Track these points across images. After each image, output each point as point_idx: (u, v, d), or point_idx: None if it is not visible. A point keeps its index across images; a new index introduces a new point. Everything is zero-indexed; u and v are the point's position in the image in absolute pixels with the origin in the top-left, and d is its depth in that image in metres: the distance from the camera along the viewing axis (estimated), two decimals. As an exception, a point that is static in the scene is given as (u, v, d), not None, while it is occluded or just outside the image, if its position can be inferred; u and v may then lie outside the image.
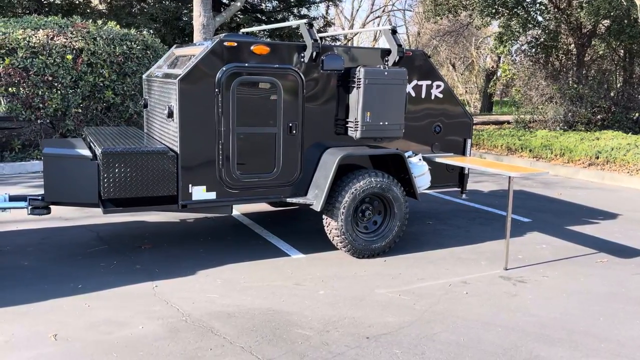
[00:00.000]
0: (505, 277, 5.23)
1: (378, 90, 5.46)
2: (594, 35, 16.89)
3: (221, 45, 5.02)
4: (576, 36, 16.68)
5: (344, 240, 5.46)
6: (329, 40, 19.55)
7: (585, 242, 6.38)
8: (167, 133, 5.33)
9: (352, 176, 5.49)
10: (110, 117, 10.63)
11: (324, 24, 19.99)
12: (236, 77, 5.08)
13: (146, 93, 6.30)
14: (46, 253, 5.51)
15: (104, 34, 10.14)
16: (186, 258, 5.47)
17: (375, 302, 4.57)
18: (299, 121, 5.42)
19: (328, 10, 22.13)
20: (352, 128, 5.55)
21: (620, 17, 14.43)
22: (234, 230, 6.47)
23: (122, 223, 6.56)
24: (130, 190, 4.85)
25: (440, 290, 4.85)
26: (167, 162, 4.95)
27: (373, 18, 36.20)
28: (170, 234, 6.25)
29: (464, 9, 18.08)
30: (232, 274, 5.09)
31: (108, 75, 10.13)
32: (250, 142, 5.25)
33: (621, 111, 16.90)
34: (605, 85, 17.28)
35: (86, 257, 5.44)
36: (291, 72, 5.30)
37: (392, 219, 5.68)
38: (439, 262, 5.58)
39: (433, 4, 17.99)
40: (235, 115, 5.13)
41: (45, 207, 5.24)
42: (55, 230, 6.26)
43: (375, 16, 36.14)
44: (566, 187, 9.64)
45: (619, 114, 16.91)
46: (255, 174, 5.33)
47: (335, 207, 5.41)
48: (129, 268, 5.17)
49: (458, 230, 6.71)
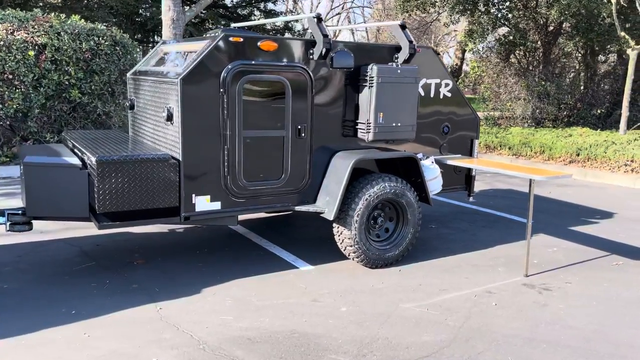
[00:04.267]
0: (529, 284, 4.99)
1: (391, 89, 5.12)
2: (559, 33, 17.10)
3: (226, 41, 4.57)
4: (542, 34, 16.84)
5: (358, 250, 5.10)
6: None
7: (593, 243, 6.24)
8: (164, 138, 4.83)
9: (364, 182, 5.13)
10: (76, 118, 9.91)
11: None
12: (242, 76, 4.64)
13: (132, 93, 5.75)
14: (26, 273, 4.92)
15: (68, 29, 9.41)
16: (186, 274, 4.99)
17: (405, 319, 4.23)
18: (307, 123, 5.03)
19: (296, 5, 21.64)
20: (363, 130, 5.19)
21: (588, 15, 14.59)
22: (230, 240, 6.01)
23: (106, 235, 6.00)
24: (128, 202, 4.35)
25: (467, 303, 4.56)
26: (168, 170, 4.46)
27: (332, 15, 35.92)
28: (162, 246, 5.74)
29: (432, 5, 18.01)
30: (241, 292, 4.66)
31: (74, 73, 9.42)
32: (257, 146, 4.82)
33: (586, 108, 17.20)
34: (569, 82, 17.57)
35: (73, 276, 4.88)
36: (300, 70, 4.90)
37: (405, 226, 5.36)
38: (456, 271, 5.30)
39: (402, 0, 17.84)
40: (242, 118, 4.69)
41: (27, 223, 4.67)
42: (31, 245, 5.64)
43: (334, 13, 35.88)
44: (552, 184, 9.58)
45: (583, 111, 17.20)
46: (262, 181, 4.90)
47: (348, 215, 5.05)
48: (124, 288, 4.66)
49: (464, 234, 6.45)
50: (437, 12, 18.35)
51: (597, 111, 17.48)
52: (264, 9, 19.25)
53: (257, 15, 19.03)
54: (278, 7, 20.48)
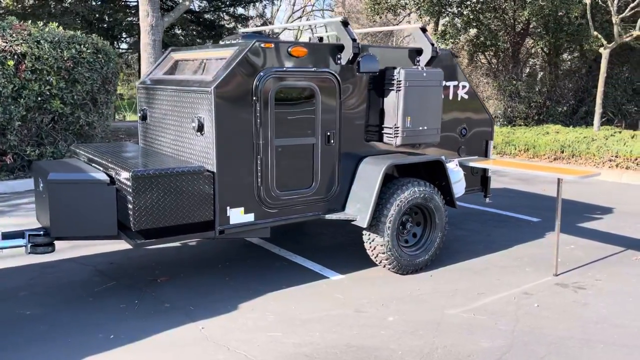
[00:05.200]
0: (561, 284, 5.02)
1: (418, 92, 5.07)
2: (527, 34, 17.50)
3: (258, 48, 4.41)
4: (511, 35, 17.20)
5: (390, 257, 5.02)
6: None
7: (606, 239, 6.35)
8: (191, 149, 4.63)
9: (393, 187, 5.06)
10: (57, 130, 9.47)
11: (262, 24, 19.31)
12: (274, 83, 4.49)
13: (144, 103, 5.50)
14: (45, 297, 4.63)
15: (48, 37, 8.98)
16: (216, 290, 4.80)
17: (456, 326, 4.17)
18: (336, 129, 4.92)
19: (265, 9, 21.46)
20: (390, 135, 5.11)
21: (558, 16, 14.96)
22: (247, 250, 5.83)
23: (117, 253, 5.72)
24: (164, 218, 4.13)
25: (509, 306, 4.54)
26: (203, 182, 4.27)
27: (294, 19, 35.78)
28: (180, 261, 5.51)
29: (403, 8, 18.17)
30: (279, 306, 4.50)
31: (55, 82, 8.99)
32: (289, 154, 4.68)
33: (554, 105, 17.67)
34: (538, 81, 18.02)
35: (98, 298, 4.62)
36: (328, 75, 4.79)
37: (434, 230, 5.32)
38: (485, 273, 5.28)
39: (372, 2, 17.91)
40: (274, 126, 4.55)
41: (50, 244, 4.39)
42: (40, 267, 5.32)
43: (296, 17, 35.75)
44: (542, 182, 9.74)
45: (552, 108, 17.68)
46: (293, 190, 4.76)
47: (380, 222, 4.96)
48: (157, 308, 4.44)
49: (479, 235, 6.46)
50: (408, 14, 18.49)
51: (563, 108, 18.00)
52: (233, 14, 18.96)
53: (227, 19, 18.73)
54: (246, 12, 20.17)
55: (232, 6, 18.52)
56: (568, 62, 17.92)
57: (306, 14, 37.35)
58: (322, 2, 47.25)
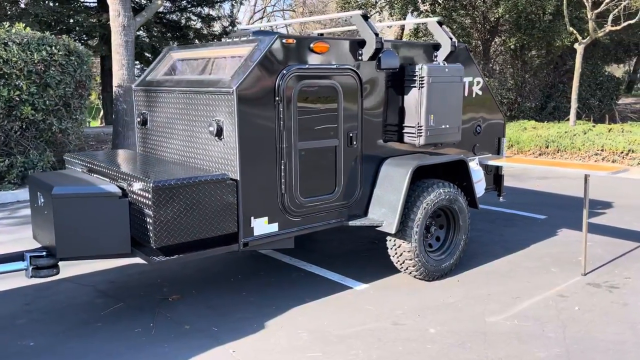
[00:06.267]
0: (593, 284, 4.86)
1: (441, 89, 4.82)
2: (497, 31, 17.61)
3: (280, 44, 4.07)
4: (482, 32, 17.28)
5: (417, 263, 4.75)
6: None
7: (619, 235, 6.27)
8: (206, 155, 4.24)
9: (418, 189, 4.79)
10: (28, 138, 8.83)
11: (229, 23, 18.83)
12: (297, 82, 4.15)
13: (143, 107, 5.06)
14: (47, 324, 4.16)
15: (16, 38, 8.37)
16: (236, 307, 4.43)
17: (503, 335, 3.93)
18: (358, 130, 4.62)
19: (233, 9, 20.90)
20: (412, 134, 4.85)
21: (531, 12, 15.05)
22: (256, 261, 5.46)
23: (112, 270, 5.26)
24: (186, 232, 3.74)
25: (549, 310, 4.33)
26: (226, 191, 3.90)
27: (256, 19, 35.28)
28: (186, 276, 5.10)
29: (373, 6, 18.03)
30: (309, 321, 4.17)
31: (26, 87, 8.38)
32: (312, 158, 4.36)
33: (524, 102, 17.86)
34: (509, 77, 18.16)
35: (107, 322, 4.18)
36: (350, 72, 4.48)
37: (457, 233, 5.08)
38: (512, 275, 5.08)
39: (342, 1, 17.70)
40: (297, 128, 4.21)
41: (54, 266, 3.93)
42: (33, 289, 4.82)
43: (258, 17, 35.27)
44: (532, 177, 9.66)
45: (523, 105, 17.86)
46: (317, 197, 4.44)
47: (407, 227, 4.68)
48: (176, 330, 4.03)
49: (492, 236, 6.27)
50: (379, 11, 18.35)
51: (532, 104, 18.21)
52: (199, 14, 18.37)
53: (194, 20, 18.15)
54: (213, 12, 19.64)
55: (199, 6, 17.95)
56: (536, 59, 18.11)
57: (267, 14, 36.92)
58: (283, 2, 46.88)
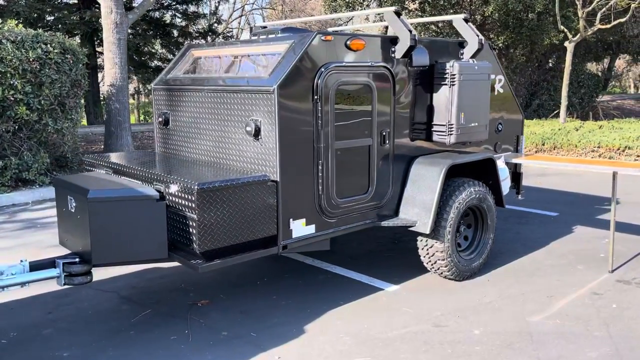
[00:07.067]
0: (622, 280, 4.87)
1: (471, 87, 4.77)
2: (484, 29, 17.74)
3: (319, 41, 3.96)
4: (470, 29, 17.36)
5: (449, 263, 4.69)
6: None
7: (633, 231, 6.32)
8: (240, 156, 4.11)
9: (449, 188, 4.73)
10: (22, 138, 8.53)
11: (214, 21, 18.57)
12: (335, 80, 4.05)
13: (165, 106, 4.89)
14: (77, 333, 3.98)
15: (10, 36, 8.07)
16: (270, 312, 4.31)
17: (549, 335, 3.89)
18: (390, 128, 4.54)
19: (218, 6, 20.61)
20: (442, 132, 4.78)
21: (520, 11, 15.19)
22: (278, 264, 5.34)
23: (130, 274, 5.09)
24: (229, 236, 3.61)
25: (588, 308, 4.32)
26: (267, 193, 3.78)
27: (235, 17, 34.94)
28: (210, 280, 4.96)
29: (360, 5, 18.00)
30: (348, 325, 4.07)
31: (21, 86, 8.09)
32: (347, 158, 4.26)
33: (511, 99, 18.00)
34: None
35: (139, 330, 4.02)
36: (384, 70, 4.40)
37: (486, 232, 5.04)
38: (540, 274, 5.06)
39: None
40: (334, 127, 4.11)
41: (88, 272, 3.75)
42: (52, 297, 4.62)
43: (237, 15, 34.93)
44: (532, 175, 9.74)
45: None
46: (351, 197, 4.34)
47: (440, 226, 4.62)
48: (214, 337, 3.90)
49: (509, 234, 6.26)
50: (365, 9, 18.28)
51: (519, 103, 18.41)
52: (183, 11, 18.08)
53: (180, 17, 17.86)
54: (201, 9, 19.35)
55: (184, 4, 17.67)
56: (522, 56, 18.30)
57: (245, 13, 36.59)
58: (261, 0, 46.48)
